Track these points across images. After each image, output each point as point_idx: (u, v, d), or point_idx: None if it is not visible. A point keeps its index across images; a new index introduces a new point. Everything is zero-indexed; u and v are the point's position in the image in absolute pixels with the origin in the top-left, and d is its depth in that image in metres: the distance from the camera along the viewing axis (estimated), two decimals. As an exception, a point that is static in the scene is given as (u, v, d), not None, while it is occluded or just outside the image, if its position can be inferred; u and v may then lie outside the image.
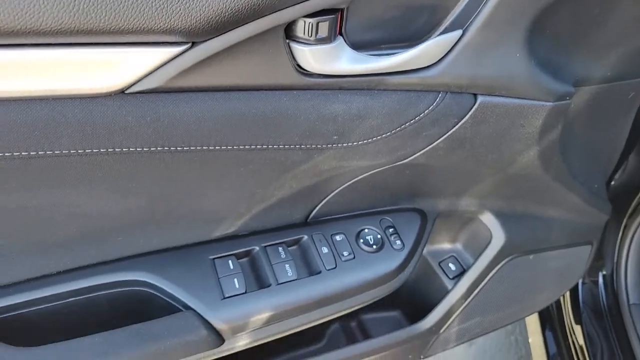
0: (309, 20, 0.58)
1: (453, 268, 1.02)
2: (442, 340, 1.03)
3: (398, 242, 0.88)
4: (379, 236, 0.87)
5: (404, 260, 0.87)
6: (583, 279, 1.28)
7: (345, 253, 0.84)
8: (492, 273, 1.00)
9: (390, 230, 0.89)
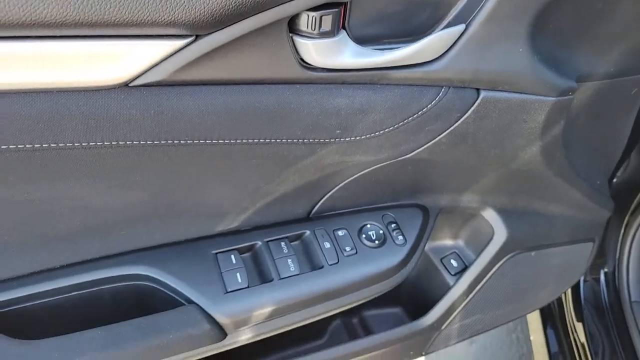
0: (313, 13, 0.58)
1: (455, 264, 1.02)
2: (443, 337, 1.03)
3: (400, 238, 0.88)
4: (381, 231, 0.88)
5: (406, 256, 0.87)
6: (585, 276, 1.28)
7: (347, 248, 0.84)
8: (493, 270, 0.99)
9: (392, 225, 0.89)
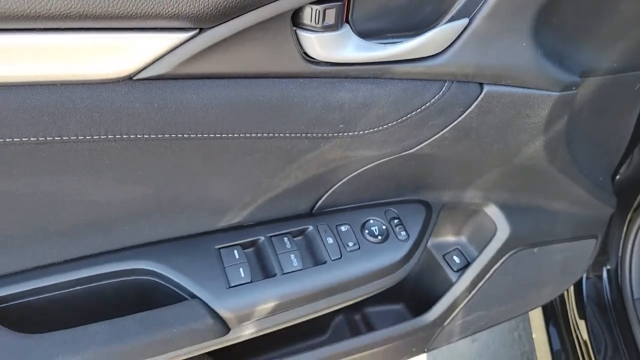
0: (316, 7, 0.58)
1: (457, 261, 1.02)
2: (446, 334, 1.03)
3: (403, 233, 0.88)
4: (384, 227, 0.88)
5: (408, 251, 0.87)
6: (587, 273, 1.27)
7: (350, 243, 0.84)
8: (496, 266, 0.99)
9: (395, 221, 0.89)
